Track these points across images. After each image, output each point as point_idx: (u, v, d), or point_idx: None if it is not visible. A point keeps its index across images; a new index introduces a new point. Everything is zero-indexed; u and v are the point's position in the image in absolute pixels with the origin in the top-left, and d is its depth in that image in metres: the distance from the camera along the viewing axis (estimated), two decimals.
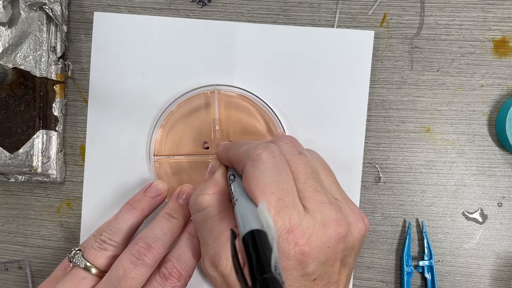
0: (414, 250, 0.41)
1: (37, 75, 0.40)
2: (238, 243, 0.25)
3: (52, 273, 0.35)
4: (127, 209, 0.35)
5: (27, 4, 0.39)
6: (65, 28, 0.40)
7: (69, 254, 0.34)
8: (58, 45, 0.40)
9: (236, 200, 0.29)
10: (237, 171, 0.32)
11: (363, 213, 0.31)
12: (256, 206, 0.27)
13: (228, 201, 0.31)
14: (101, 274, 0.32)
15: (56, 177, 0.40)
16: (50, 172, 0.40)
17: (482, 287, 0.41)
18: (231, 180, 0.31)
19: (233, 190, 0.30)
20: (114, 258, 0.33)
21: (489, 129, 0.41)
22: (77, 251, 0.33)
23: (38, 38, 0.39)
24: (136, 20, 0.41)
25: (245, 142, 0.31)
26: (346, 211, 0.30)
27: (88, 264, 0.33)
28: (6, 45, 0.39)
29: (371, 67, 0.40)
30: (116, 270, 0.31)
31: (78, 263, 0.33)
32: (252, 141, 0.31)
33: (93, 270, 0.32)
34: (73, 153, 0.42)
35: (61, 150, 0.41)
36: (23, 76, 0.40)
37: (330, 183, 0.31)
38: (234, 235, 0.24)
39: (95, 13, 0.41)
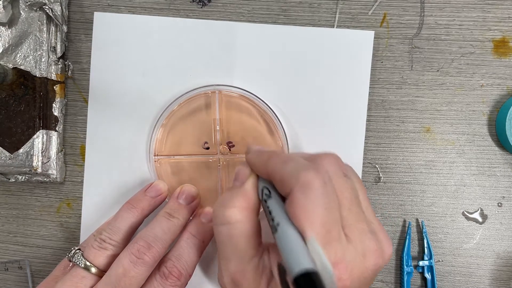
0: (414, 250, 0.41)
1: (37, 75, 0.40)
2: (290, 280, 0.23)
3: (51, 273, 0.35)
4: (127, 209, 0.35)
5: (27, 4, 0.39)
6: (65, 28, 0.40)
7: (69, 254, 0.34)
8: (58, 45, 0.40)
9: (278, 225, 0.26)
10: (272, 184, 0.29)
11: (387, 235, 0.30)
12: (302, 236, 0.25)
13: (257, 217, 0.29)
14: (101, 273, 0.32)
15: (56, 177, 0.40)
16: (50, 172, 0.40)
17: (482, 287, 0.41)
18: (266, 195, 0.28)
19: (271, 210, 0.27)
20: (114, 257, 0.33)
21: (489, 129, 0.41)
22: (77, 251, 0.33)
23: (38, 38, 0.39)
24: (136, 20, 0.41)
25: (289, 158, 0.28)
26: (380, 236, 0.28)
27: (87, 263, 0.32)
28: (6, 45, 0.39)
29: (371, 67, 0.40)
30: (115, 269, 0.31)
31: (78, 263, 0.33)
32: (298, 159, 0.28)
33: (93, 270, 0.32)
34: (73, 153, 0.42)
35: (61, 150, 0.41)
36: (23, 76, 0.40)
37: (366, 206, 0.30)
38: (283, 270, 0.23)
39: (95, 13, 0.41)
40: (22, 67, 0.40)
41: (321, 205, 0.25)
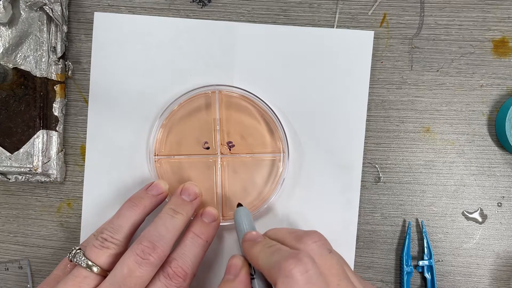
0: (414, 250, 0.41)
1: (38, 75, 0.40)
2: None
3: (52, 272, 0.35)
4: (128, 206, 0.35)
5: (27, 4, 0.39)
6: (65, 28, 0.40)
7: (70, 254, 0.33)
8: (59, 45, 0.40)
9: None
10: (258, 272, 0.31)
11: None
12: None
13: None
14: (103, 273, 0.32)
15: (56, 177, 0.40)
16: (50, 172, 0.40)
17: (482, 287, 0.41)
18: (252, 276, 0.31)
19: None
20: (116, 256, 0.33)
21: (489, 129, 0.41)
22: (78, 250, 0.33)
23: (39, 38, 0.39)
24: (136, 20, 0.41)
25: (276, 248, 0.30)
26: None
27: (89, 262, 0.32)
28: (7, 45, 0.39)
29: (371, 67, 0.40)
30: (120, 269, 0.31)
31: (80, 262, 0.32)
32: (283, 248, 0.30)
33: (95, 269, 0.32)
34: (73, 153, 0.42)
35: (62, 150, 0.41)
36: (23, 76, 0.40)
37: (354, 279, 0.31)
38: None
39: (95, 13, 0.41)
40: (22, 67, 0.40)
41: None
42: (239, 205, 0.37)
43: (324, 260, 0.29)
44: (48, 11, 0.39)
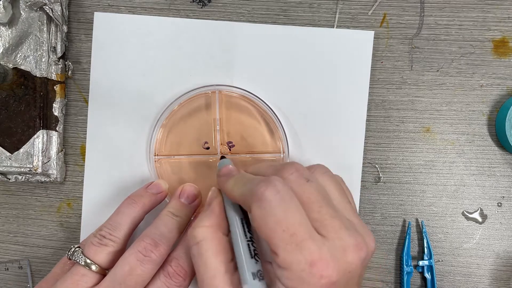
0: (414, 250, 0.41)
1: (38, 75, 0.40)
2: None
3: (51, 271, 0.35)
4: (128, 204, 0.35)
5: (27, 4, 0.39)
6: (65, 28, 0.40)
7: (69, 252, 0.33)
8: (59, 45, 0.40)
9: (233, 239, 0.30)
10: (234, 209, 0.31)
11: (369, 230, 0.30)
12: (270, 246, 0.27)
13: (225, 235, 0.31)
14: (102, 271, 0.32)
15: (56, 177, 0.40)
16: (50, 172, 0.40)
17: (482, 287, 0.41)
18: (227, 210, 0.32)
19: (229, 223, 0.31)
20: (115, 254, 0.33)
21: (489, 129, 0.41)
22: (77, 248, 0.33)
23: (39, 38, 0.39)
24: (136, 20, 0.41)
25: (248, 179, 0.30)
26: (362, 231, 0.29)
27: (88, 260, 0.32)
28: (7, 45, 0.39)
29: (371, 67, 0.40)
30: (121, 267, 0.31)
31: (78, 260, 0.32)
32: (255, 178, 0.30)
33: (94, 267, 0.32)
34: (73, 153, 0.42)
35: (62, 150, 0.41)
36: (23, 76, 0.40)
37: (344, 204, 0.30)
38: None
39: (95, 13, 0.41)
40: (22, 67, 0.40)
41: (277, 213, 0.26)
42: (223, 157, 0.37)
43: (302, 190, 0.28)
44: (48, 11, 0.39)
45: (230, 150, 0.40)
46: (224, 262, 0.29)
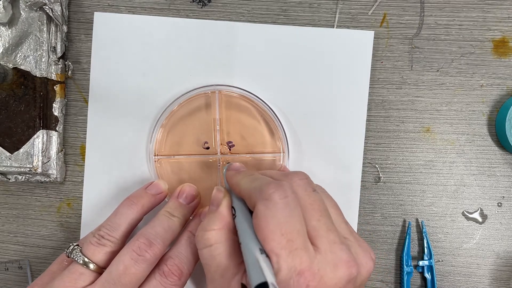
0: (414, 250, 0.41)
1: (37, 75, 0.40)
2: None
3: (48, 268, 0.35)
4: (127, 205, 0.35)
5: (27, 4, 0.39)
6: (65, 28, 0.40)
7: (67, 249, 0.33)
8: (58, 45, 0.40)
9: (241, 243, 0.29)
10: (240, 203, 0.31)
11: (371, 249, 0.31)
12: (263, 248, 0.27)
13: (234, 235, 0.31)
14: (100, 270, 0.32)
15: (56, 177, 0.40)
16: (50, 172, 0.40)
17: (482, 287, 0.41)
18: (233, 215, 0.31)
19: (237, 228, 0.30)
20: (112, 254, 0.33)
21: (489, 129, 0.41)
22: (75, 246, 0.33)
23: (38, 38, 0.39)
24: (136, 20, 0.41)
25: (258, 177, 0.31)
26: (356, 250, 0.30)
27: (86, 259, 0.32)
28: (7, 45, 0.39)
29: (371, 67, 0.40)
30: (116, 266, 0.31)
31: (76, 259, 0.32)
32: (265, 177, 0.30)
33: (91, 266, 0.32)
34: (73, 153, 0.42)
35: (61, 150, 0.41)
36: (23, 76, 0.40)
37: (340, 222, 0.31)
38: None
39: (95, 13, 0.41)
40: (22, 67, 0.40)
41: (281, 216, 0.27)
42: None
43: (307, 196, 0.29)
44: (48, 11, 0.39)
45: (230, 150, 0.40)
46: (236, 265, 0.29)
